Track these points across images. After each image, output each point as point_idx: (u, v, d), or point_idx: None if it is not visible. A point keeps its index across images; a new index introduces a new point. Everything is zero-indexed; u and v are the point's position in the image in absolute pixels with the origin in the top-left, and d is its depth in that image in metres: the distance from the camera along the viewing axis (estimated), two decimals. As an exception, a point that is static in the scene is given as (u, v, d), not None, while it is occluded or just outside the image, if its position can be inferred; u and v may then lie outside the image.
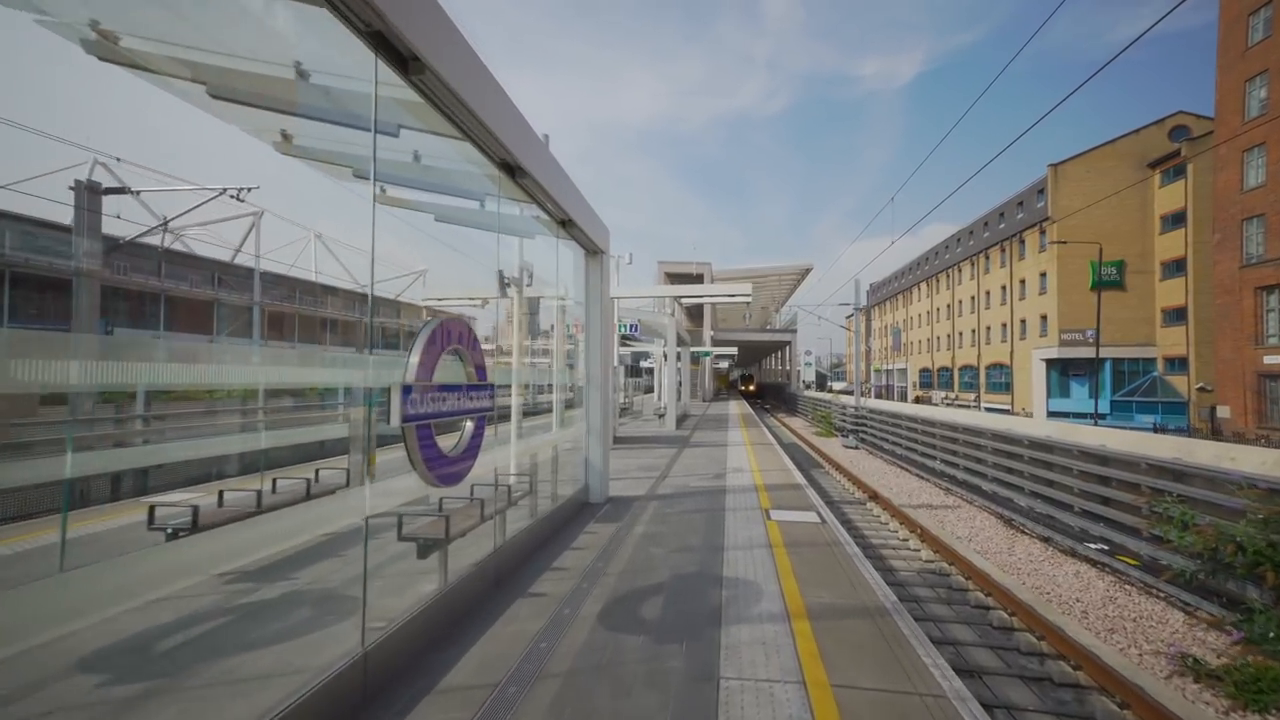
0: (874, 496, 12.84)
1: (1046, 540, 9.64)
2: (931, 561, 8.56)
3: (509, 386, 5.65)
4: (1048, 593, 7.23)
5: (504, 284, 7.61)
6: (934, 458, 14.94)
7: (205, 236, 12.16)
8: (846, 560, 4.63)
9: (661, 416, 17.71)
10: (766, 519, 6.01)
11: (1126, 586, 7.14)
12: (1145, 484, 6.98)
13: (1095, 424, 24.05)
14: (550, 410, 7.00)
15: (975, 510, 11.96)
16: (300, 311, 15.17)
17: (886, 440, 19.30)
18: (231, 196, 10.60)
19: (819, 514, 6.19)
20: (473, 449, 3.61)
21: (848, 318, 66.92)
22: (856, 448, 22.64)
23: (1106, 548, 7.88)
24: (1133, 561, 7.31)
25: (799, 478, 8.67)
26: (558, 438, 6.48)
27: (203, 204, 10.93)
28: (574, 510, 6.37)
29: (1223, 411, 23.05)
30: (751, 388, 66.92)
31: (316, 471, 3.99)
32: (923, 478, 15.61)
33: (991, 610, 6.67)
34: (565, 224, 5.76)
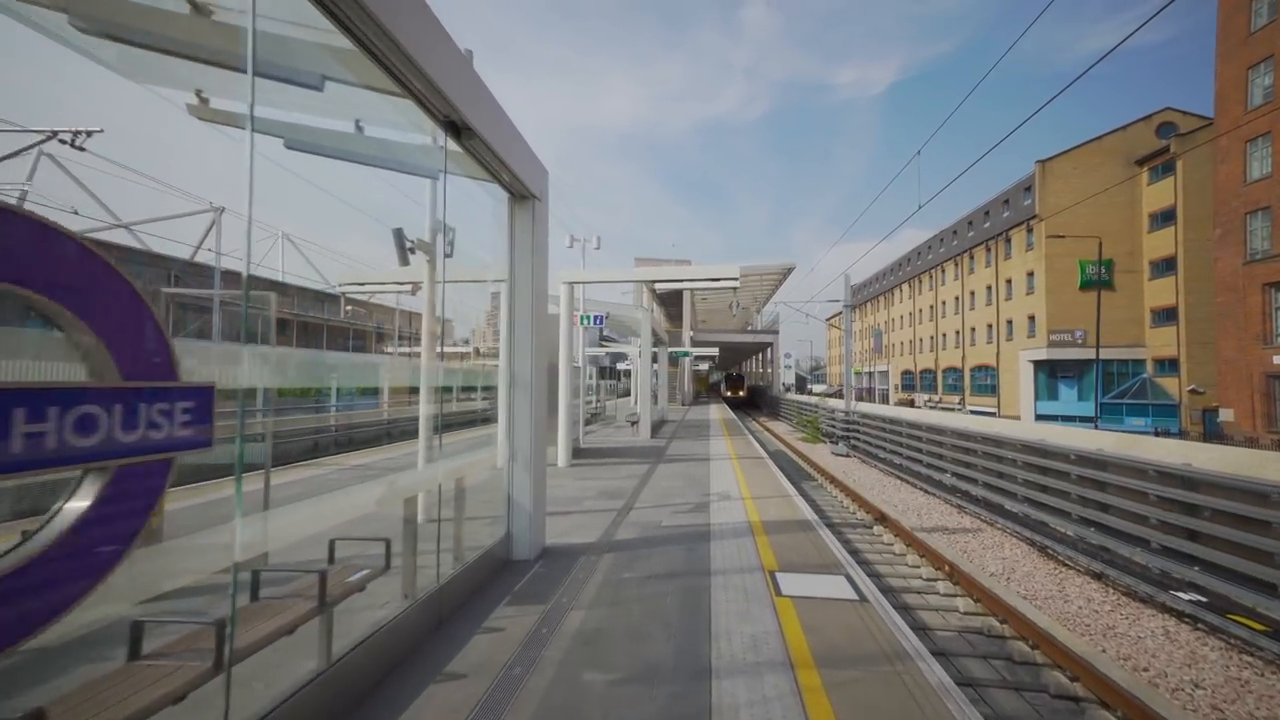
0: (881, 518, 10.95)
1: (1100, 577, 7.83)
2: (973, 614, 6.63)
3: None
4: (1146, 668, 5.34)
5: (405, 248, 5.45)
6: (943, 470, 13.16)
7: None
8: (932, 701, 2.58)
9: (634, 424, 15.62)
10: (774, 592, 3.94)
11: (1248, 658, 5.30)
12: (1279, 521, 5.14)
13: (1097, 427, 22.80)
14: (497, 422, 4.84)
15: (1000, 535, 10.15)
16: None
17: (882, 448, 17.53)
18: (64, 141, 8.15)
19: (851, 581, 4.14)
20: (86, 551, 1.44)
21: (829, 319, 65.79)
22: (848, 455, 20.88)
23: (1204, 599, 6.05)
24: (1257, 626, 5.46)
25: (806, 509, 6.64)
26: (463, 467, 4.33)
27: (22, 150, 8.44)
28: (483, 578, 4.22)
29: (1225, 415, 21.95)
30: (742, 393, 50.20)
31: None
32: (929, 493, 13.82)
33: (1085, 705, 4.73)
34: (458, 132, 3.61)
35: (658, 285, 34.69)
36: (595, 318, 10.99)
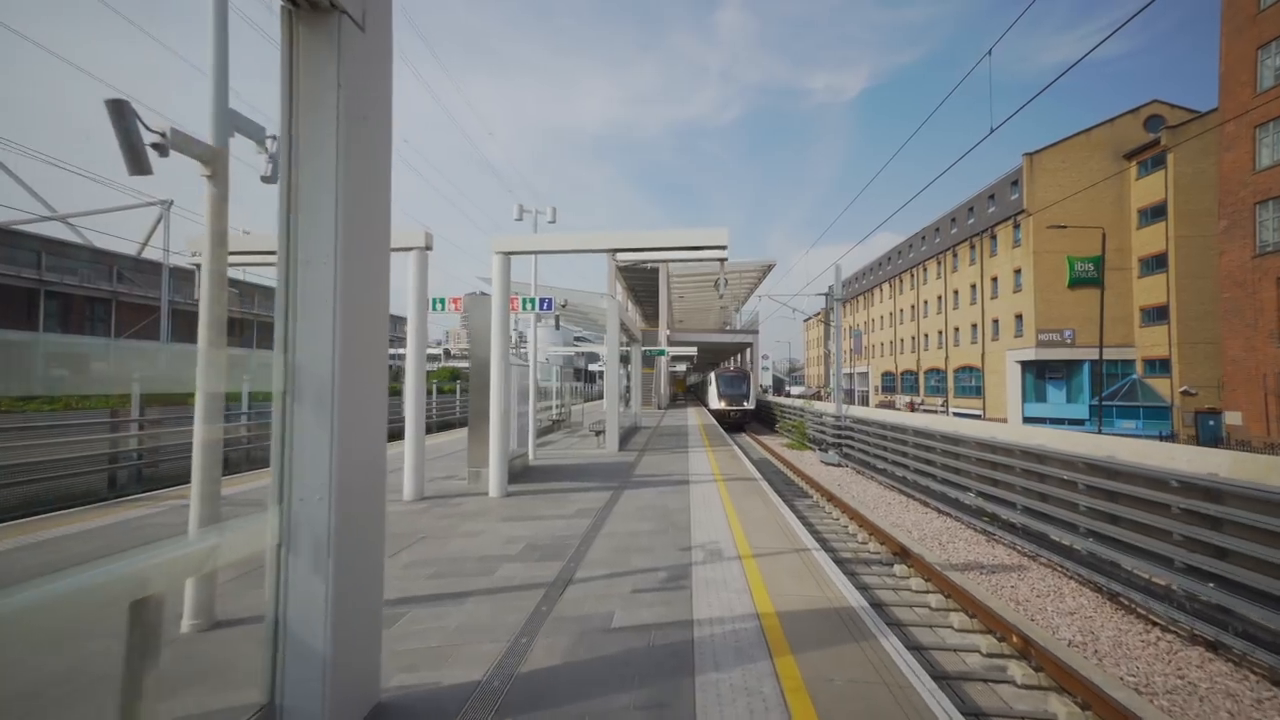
0: (902, 553, 8.78)
1: (1215, 648, 5.77)
2: (1084, 732, 4.43)
3: None
4: None
5: (134, 142, 2.99)
6: (964, 489, 11.11)
7: None
8: None
9: (600, 434, 13.21)
10: None
11: None
12: None
13: (1100, 431, 21.34)
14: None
15: (1052, 575, 8.07)
16: None
17: (882, 458, 15.49)
18: None
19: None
20: None
21: (808, 319, 64.47)
22: (840, 465, 18.86)
23: None
24: None
25: (841, 583, 4.32)
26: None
27: None
28: None
29: (1232, 418, 20.67)
30: (746, 404, 31.09)
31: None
32: (944, 513, 11.77)
33: None
34: None
35: (630, 270, 32.05)
36: (543, 302, 8.56)
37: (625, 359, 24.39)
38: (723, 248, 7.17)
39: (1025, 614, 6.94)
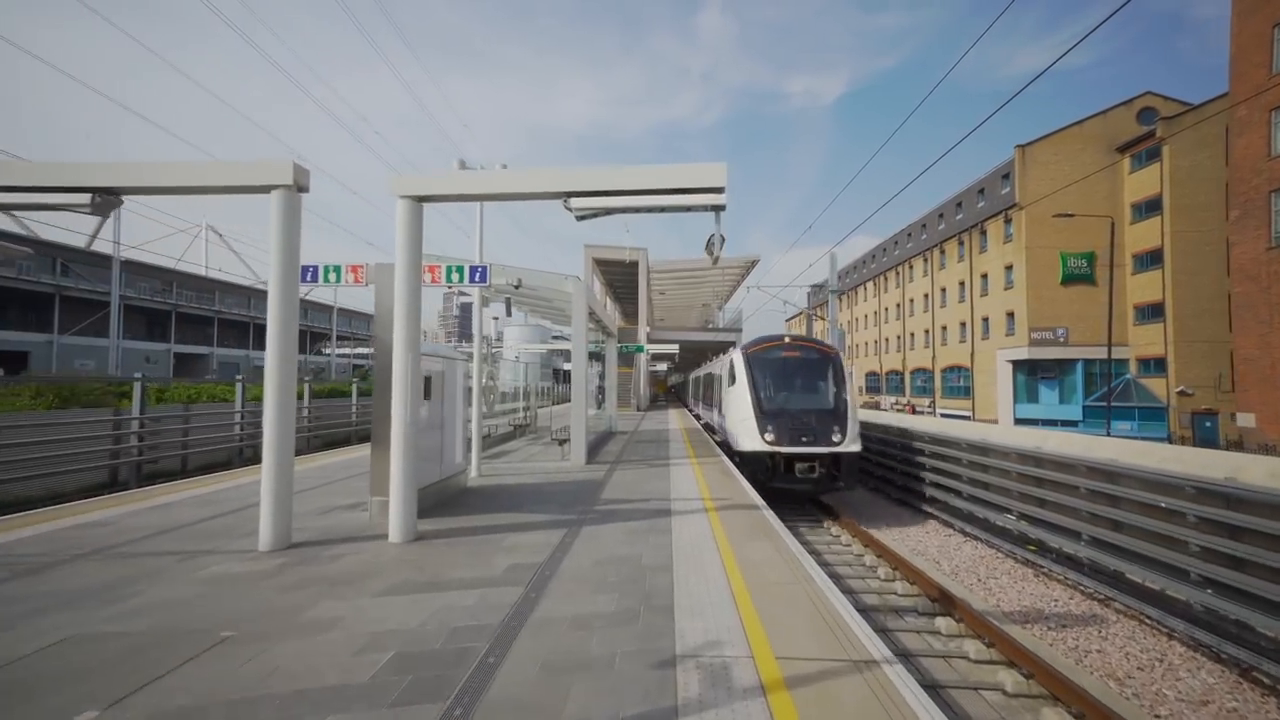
0: (944, 600, 6.82)
1: None
2: None
3: None
4: None
5: None
6: (1003, 509, 9.24)
7: None
8: None
9: (563, 443, 11.01)
10: None
11: None
12: None
13: (1108, 433, 19.98)
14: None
15: (1140, 629, 6.18)
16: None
17: (890, 468, 13.62)
18: None
19: None
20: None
21: (789, 319, 63.33)
22: (837, 474, 16.97)
23: None
24: None
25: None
26: None
27: None
28: None
29: (1244, 420, 19.47)
30: (837, 442, 10.39)
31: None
32: (971, 536, 9.88)
33: None
34: None
35: (609, 264, 29.73)
36: (474, 271, 6.34)
37: (599, 356, 22.18)
38: (719, 190, 5.08)
39: (1139, 700, 5.01)
